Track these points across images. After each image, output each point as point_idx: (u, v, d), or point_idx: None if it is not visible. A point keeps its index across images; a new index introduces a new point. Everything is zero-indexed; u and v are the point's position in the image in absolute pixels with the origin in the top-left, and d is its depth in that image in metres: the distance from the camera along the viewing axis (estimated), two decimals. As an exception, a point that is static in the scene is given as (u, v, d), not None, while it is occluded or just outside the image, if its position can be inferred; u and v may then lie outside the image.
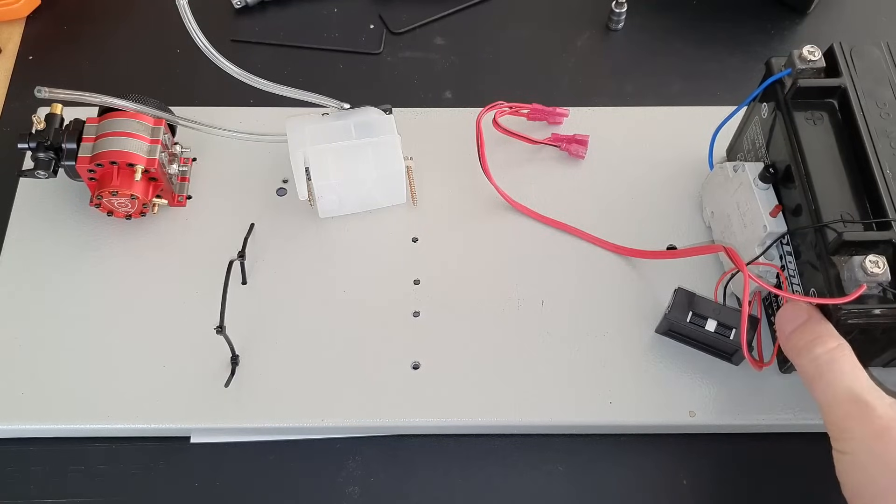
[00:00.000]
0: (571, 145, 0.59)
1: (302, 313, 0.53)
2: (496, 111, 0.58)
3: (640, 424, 0.50)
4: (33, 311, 0.52)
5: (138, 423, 0.49)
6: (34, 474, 0.49)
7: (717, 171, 0.53)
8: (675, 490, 0.49)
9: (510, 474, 0.49)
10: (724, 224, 0.52)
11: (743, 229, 0.49)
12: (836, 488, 0.43)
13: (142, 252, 0.55)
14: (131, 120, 0.52)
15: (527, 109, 0.59)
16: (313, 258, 0.55)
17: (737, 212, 0.50)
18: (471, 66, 0.65)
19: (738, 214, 0.50)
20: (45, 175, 0.52)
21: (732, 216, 0.51)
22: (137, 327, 0.52)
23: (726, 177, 0.51)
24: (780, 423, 0.49)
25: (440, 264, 0.54)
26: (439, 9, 0.68)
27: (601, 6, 0.67)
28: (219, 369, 0.50)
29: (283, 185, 0.58)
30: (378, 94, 0.63)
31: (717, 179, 0.53)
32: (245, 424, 0.49)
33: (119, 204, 0.53)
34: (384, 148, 0.53)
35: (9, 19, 0.66)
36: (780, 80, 0.48)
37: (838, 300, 0.41)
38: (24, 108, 0.60)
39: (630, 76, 0.64)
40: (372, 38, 0.67)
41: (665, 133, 0.60)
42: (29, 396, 0.49)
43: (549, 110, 0.60)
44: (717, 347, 0.50)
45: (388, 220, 0.56)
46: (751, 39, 0.67)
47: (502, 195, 0.56)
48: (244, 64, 0.51)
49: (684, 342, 0.51)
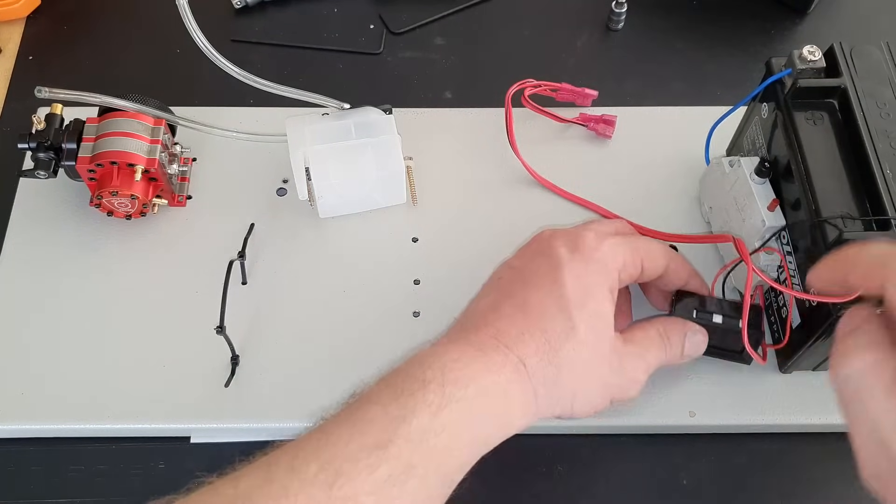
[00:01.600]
0: (599, 125, 0.59)
1: (302, 313, 0.53)
2: (526, 88, 0.59)
3: (641, 424, 0.50)
4: (33, 311, 0.52)
5: (138, 423, 0.49)
6: (34, 474, 0.49)
7: (714, 167, 0.53)
8: (675, 490, 0.49)
9: (510, 474, 0.49)
10: (723, 219, 0.52)
11: (742, 224, 0.49)
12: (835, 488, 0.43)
13: (142, 252, 0.55)
14: (131, 120, 0.52)
15: (556, 89, 0.60)
16: (313, 258, 0.55)
17: (735, 207, 0.50)
18: (471, 66, 0.65)
19: (736, 209, 0.50)
20: (45, 175, 0.52)
21: (731, 211, 0.51)
22: (137, 327, 0.52)
23: (723, 172, 0.51)
24: (780, 423, 0.49)
25: (440, 264, 0.54)
26: (439, 9, 0.68)
27: (601, 6, 0.67)
28: (219, 369, 0.50)
29: (283, 185, 0.58)
30: (378, 94, 0.63)
31: (714, 175, 0.53)
32: (245, 424, 0.49)
33: (119, 204, 0.53)
34: (384, 148, 0.53)
35: (9, 19, 0.66)
36: (780, 80, 0.48)
37: (838, 299, 0.41)
38: (24, 108, 0.60)
39: (630, 76, 0.64)
40: (372, 38, 0.67)
41: (665, 133, 0.60)
42: (29, 396, 0.49)
43: (578, 90, 0.60)
44: (725, 346, 0.48)
45: (388, 220, 0.56)
46: (751, 39, 0.67)
47: (529, 170, 0.57)
48: (244, 64, 0.51)
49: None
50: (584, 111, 0.61)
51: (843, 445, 0.50)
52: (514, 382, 0.40)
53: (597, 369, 0.43)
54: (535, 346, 0.41)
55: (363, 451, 0.35)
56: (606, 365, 0.43)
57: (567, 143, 0.60)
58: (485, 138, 0.60)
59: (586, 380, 0.42)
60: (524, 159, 0.58)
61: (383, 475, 0.35)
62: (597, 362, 0.43)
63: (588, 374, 0.42)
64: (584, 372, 0.42)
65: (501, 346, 0.41)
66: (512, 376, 0.40)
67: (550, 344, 0.41)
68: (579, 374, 0.42)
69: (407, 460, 0.36)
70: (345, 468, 0.35)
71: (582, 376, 0.42)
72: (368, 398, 0.38)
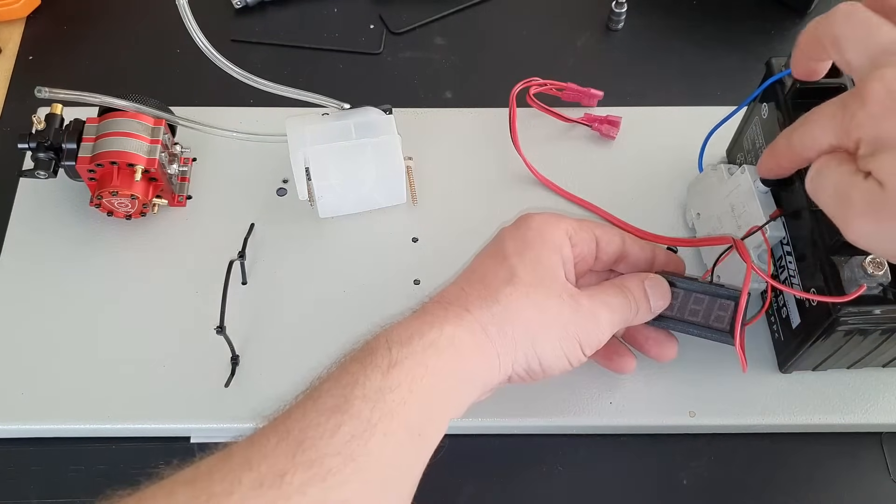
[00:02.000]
0: (603, 125, 0.59)
1: (302, 313, 0.53)
2: (531, 87, 0.59)
3: (640, 424, 0.50)
4: (33, 311, 0.52)
5: (138, 423, 0.49)
6: (34, 474, 0.49)
7: (710, 173, 0.52)
8: (675, 490, 0.49)
9: (510, 474, 0.49)
10: (711, 226, 0.52)
11: (737, 231, 0.49)
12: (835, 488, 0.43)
13: (142, 252, 0.55)
14: (131, 120, 0.52)
15: (561, 88, 0.60)
16: (313, 258, 0.55)
17: (731, 214, 0.49)
18: (471, 66, 0.65)
19: (731, 216, 0.49)
20: (45, 175, 0.52)
21: (724, 218, 0.50)
22: (137, 327, 0.52)
23: (720, 178, 0.51)
24: (780, 423, 0.49)
25: (440, 264, 0.54)
26: (439, 9, 0.68)
27: (601, 6, 0.67)
28: (219, 369, 0.50)
29: (283, 185, 0.58)
30: (378, 94, 0.63)
31: (710, 181, 0.52)
32: (245, 424, 0.49)
33: (119, 204, 0.53)
34: (384, 148, 0.53)
35: (9, 19, 0.66)
36: (780, 80, 0.48)
37: (838, 299, 0.41)
38: (24, 108, 0.60)
39: (630, 76, 0.64)
40: (372, 38, 0.67)
41: (665, 134, 0.60)
42: (29, 396, 0.49)
43: (583, 90, 0.60)
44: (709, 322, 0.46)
45: (388, 220, 0.57)
46: (751, 39, 0.67)
47: (531, 169, 0.57)
48: (244, 64, 0.51)
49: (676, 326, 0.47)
50: (589, 111, 0.61)
51: (844, 445, 0.50)
52: (460, 328, 0.40)
53: (548, 309, 0.42)
54: (476, 294, 0.41)
55: (322, 415, 0.35)
56: (556, 301, 0.42)
57: (569, 143, 0.60)
58: (485, 138, 0.60)
59: (540, 321, 0.42)
60: (526, 158, 0.57)
61: (345, 435, 0.35)
62: (545, 301, 0.42)
63: (540, 314, 0.42)
64: (534, 312, 0.41)
65: (443, 303, 0.41)
66: (456, 323, 0.40)
67: (490, 289, 0.41)
68: (530, 315, 0.41)
69: (367, 418, 0.35)
70: (307, 434, 0.34)
71: (534, 317, 0.41)
72: (320, 379, 0.38)
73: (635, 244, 0.47)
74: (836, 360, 0.48)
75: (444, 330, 0.39)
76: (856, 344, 0.45)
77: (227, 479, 0.33)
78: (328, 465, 0.33)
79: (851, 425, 0.49)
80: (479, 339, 0.40)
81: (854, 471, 0.49)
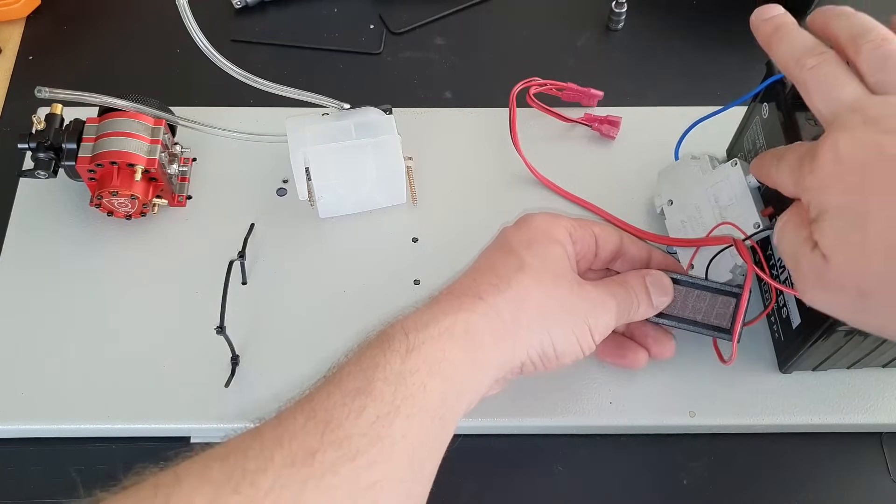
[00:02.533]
0: (603, 125, 0.59)
1: (302, 313, 0.53)
2: (531, 87, 0.59)
3: (640, 424, 0.50)
4: (33, 311, 0.52)
5: (138, 423, 0.49)
6: (34, 474, 0.49)
7: (691, 162, 0.53)
8: (675, 490, 0.49)
9: (510, 474, 0.49)
10: (687, 214, 0.52)
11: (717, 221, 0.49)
12: (835, 488, 0.43)
13: (142, 252, 0.55)
14: (131, 120, 0.52)
15: (562, 88, 0.60)
16: (313, 258, 0.55)
17: (714, 205, 0.49)
18: (471, 66, 0.65)
19: (712, 208, 0.50)
20: (45, 175, 0.52)
21: (704, 209, 0.50)
22: (137, 327, 0.52)
23: (703, 169, 0.51)
24: (780, 423, 0.49)
25: (440, 264, 0.54)
26: (439, 9, 0.68)
27: (601, 6, 0.67)
28: (219, 369, 0.50)
29: (283, 185, 0.58)
30: (378, 94, 0.63)
31: (690, 170, 0.52)
32: (245, 424, 0.49)
33: (119, 204, 0.53)
34: (384, 148, 0.53)
35: (9, 19, 0.66)
36: (780, 80, 0.48)
37: None
38: (24, 108, 0.60)
39: (630, 76, 0.64)
40: (372, 38, 0.67)
41: (665, 134, 0.60)
42: (29, 396, 0.49)
43: (584, 90, 0.60)
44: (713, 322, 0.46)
45: (388, 220, 0.57)
46: (751, 39, 0.67)
47: (531, 169, 0.57)
48: (244, 64, 0.51)
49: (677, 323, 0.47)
50: (589, 111, 0.61)
51: (844, 445, 0.50)
52: (474, 314, 0.40)
53: (559, 295, 0.43)
54: (488, 282, 0.42)
55: (346, 396, 0.36)
56: (566, 288, 0.43)
57: (569, 143, 0.60)
58: (485, 138, 0.60)
59: (552, 307, 0.42)
60: (526, 158, 0.57)
61: (370, 416, 0.35)
62: (555, 288, 0.43)
63: (551, 300, 0.42)
64: (546, 297, 0.42)
65: (456, 293, 0.42)
66: (471, 310, 0.41)
67: (500, 277, 0.42)
68: (542, 301, 0.42)
69: (390, 400, 0.36)
70: (333, 415, 0.35)
71: (546, 303, 0.42)
72: (338, 365, 0.39)
73: (633, 243, 0.48)
74: (836, 360, 0.48)
75: (458, 317, 0.40)
76: (856, 344, 0.45)
77: (260, 457, 0.33)
78: (356, 445, 0.34)
79: (851, 425, 0.49)
80: (495, 325, 0.41)
81: (854, 471, 0.49)
